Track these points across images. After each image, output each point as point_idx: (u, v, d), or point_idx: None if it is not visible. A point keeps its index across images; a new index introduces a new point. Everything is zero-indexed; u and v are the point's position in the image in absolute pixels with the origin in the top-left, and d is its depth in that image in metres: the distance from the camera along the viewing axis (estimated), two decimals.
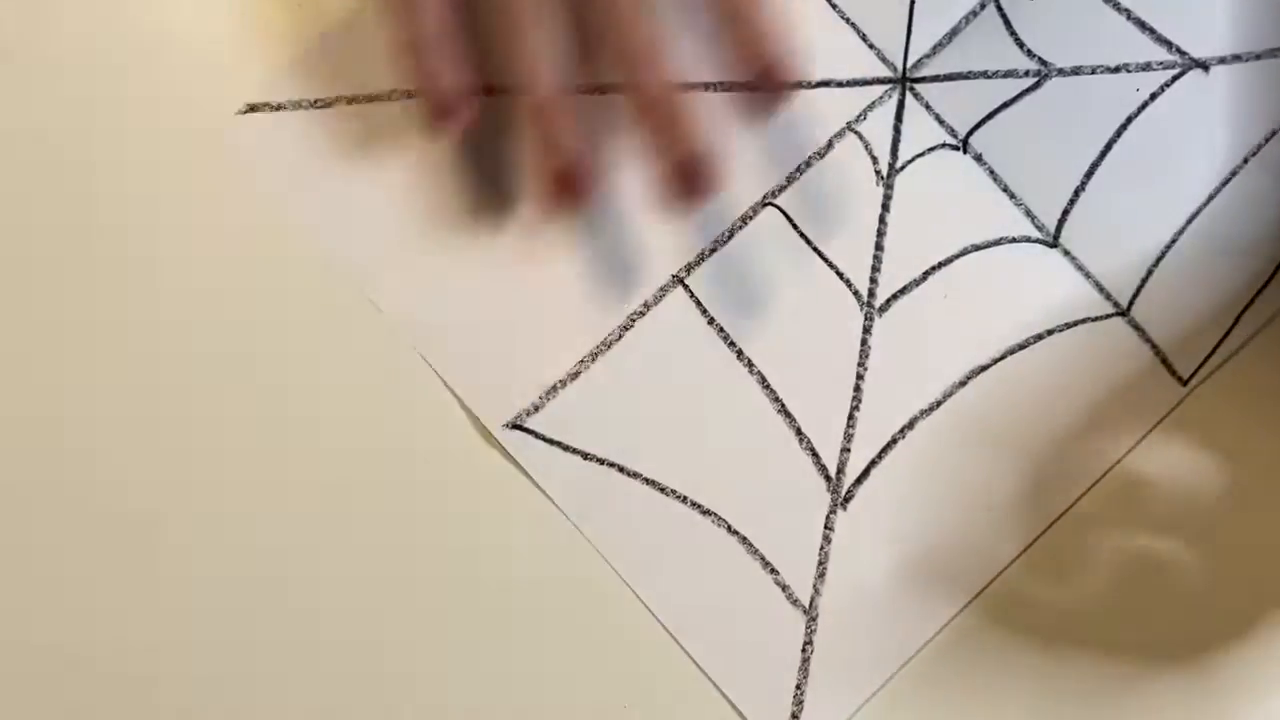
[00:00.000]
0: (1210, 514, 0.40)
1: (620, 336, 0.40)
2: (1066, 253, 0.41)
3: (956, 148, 0.41)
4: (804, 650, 0.39)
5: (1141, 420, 0.40)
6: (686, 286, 0.41)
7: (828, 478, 0.40)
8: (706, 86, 0.41)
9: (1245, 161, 0.41)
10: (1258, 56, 0.41)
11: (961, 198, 0.41)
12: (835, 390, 0.40)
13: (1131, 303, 0.41)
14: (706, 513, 0.39)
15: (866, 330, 0.41)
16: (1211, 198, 0.41)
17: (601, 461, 0.40)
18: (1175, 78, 0.41)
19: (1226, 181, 0.41)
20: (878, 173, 0.41)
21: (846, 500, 0.40)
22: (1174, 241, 0.41)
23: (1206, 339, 0.40)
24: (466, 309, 0.40)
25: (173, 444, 0.40)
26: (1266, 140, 0.41)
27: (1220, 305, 0.41)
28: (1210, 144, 0.41)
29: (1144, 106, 0.41)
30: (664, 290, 0.41)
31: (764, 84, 0.37)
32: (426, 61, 0.37)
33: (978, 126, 0.41)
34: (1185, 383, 0.40)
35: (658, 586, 0.39)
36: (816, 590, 0.39)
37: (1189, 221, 0.41)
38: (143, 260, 0.41)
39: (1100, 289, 0.41)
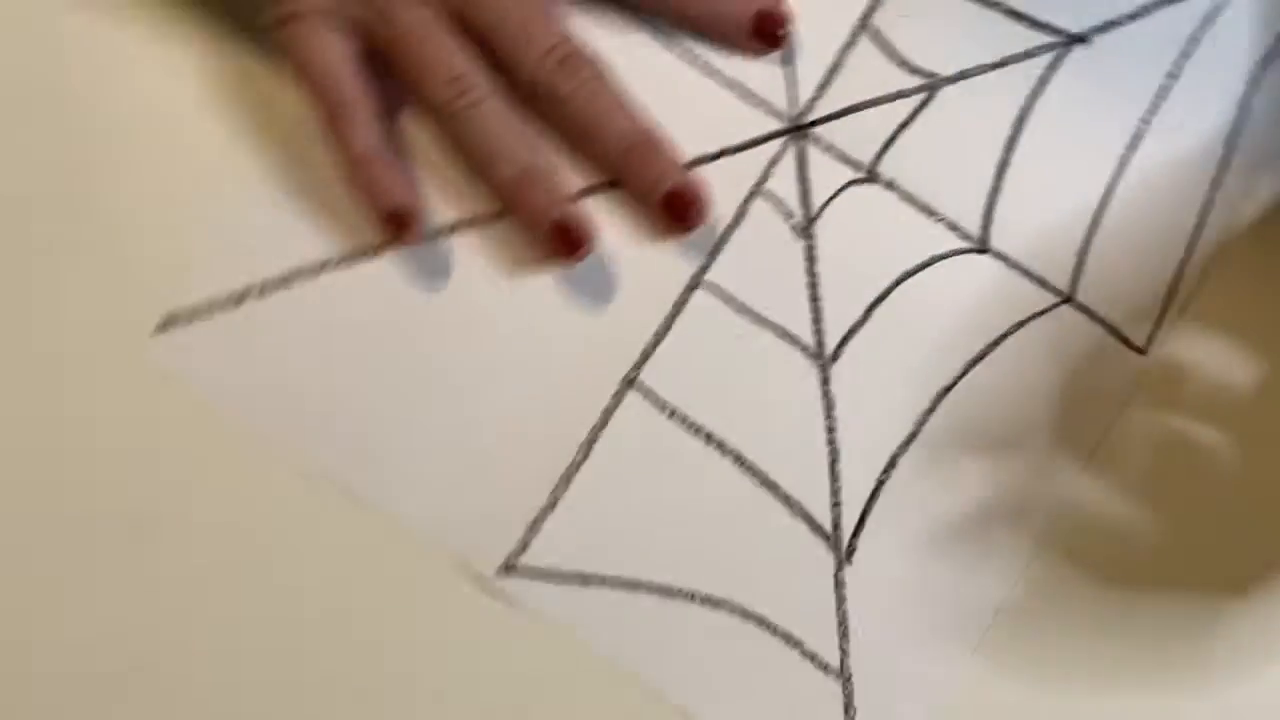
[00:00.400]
0: (1245, 401, 0.40)
1: (586, 454, 0.40)
2: (998, 255, 0.41)
3: (866, 180, 0.41)
4: (847, 713, 0.39)
5: (1113, 396, 0.40)
6: (638, 386, 0.40)
7: (825, 537, 0.40)
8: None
9: (1146, 123, 0.41)
10: (1132, 18, 0.41)
11: (883, 228, 0.41)
12: (811, 449, 0.40)
13: (1073, 286, 0.41)
14: (718, 604, 0.39)
15: (824, 382, 0.40)
16: (1123, 165, 0.41)
17: (603, 581, 0.39)
18: (1059, 58, 0.41)
19: (1133, 147, 0.41)
20: (794, 227, 0.41)
21: (850, 554, 0.40)
22: (1098, 216, 0.41)
23: (1154, 304, 0.41)
24: (428, 466, 0.40)
25: (166, 658, 0.39)
26: (1158, 100, 0.41)
27: (1159, 267, 0.41)
28: (1109, 113, 0.41)
29: (1036, 94, 0.41)
30: (618, 395, 0.40)
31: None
32: (370, 176, 0.39)
33: (881, 154, 0.41)
34: (1144, 350, 0.40)
35: (691, 689, 0.39)
36: (844, 650, 0.39)
37: (1108, 193, 0.41)
38: (81, 481, 0.40)
39: (1040, 281, 0.41)
